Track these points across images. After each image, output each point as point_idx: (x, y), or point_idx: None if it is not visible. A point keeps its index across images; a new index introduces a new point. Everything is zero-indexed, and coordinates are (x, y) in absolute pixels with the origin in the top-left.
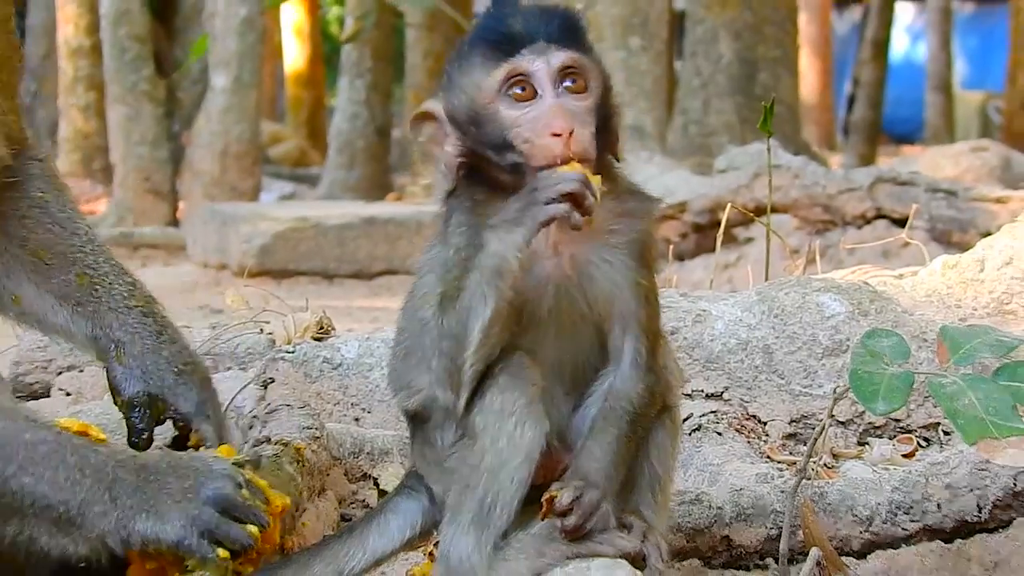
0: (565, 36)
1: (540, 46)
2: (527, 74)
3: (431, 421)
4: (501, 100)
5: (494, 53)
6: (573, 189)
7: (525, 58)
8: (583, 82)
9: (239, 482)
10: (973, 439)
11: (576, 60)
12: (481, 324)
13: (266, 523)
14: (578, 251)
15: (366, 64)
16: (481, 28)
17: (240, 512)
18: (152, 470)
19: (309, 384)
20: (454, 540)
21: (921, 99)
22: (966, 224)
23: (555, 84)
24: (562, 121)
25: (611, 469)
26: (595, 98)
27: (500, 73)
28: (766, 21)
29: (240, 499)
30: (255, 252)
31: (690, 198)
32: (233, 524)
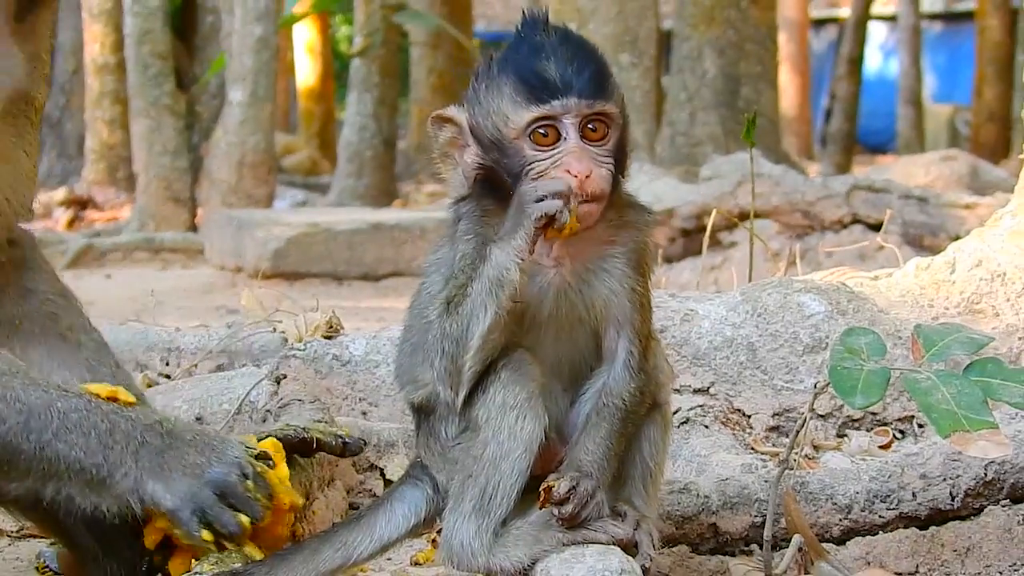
0: (595, 89)
1: (572, 99)
2: (555, 121)
3: (435, 414)
4: (526, 139)
5: (527, 96)
6: (559, 188)
7: (556, 108)
8: (605, 129)
9: (246, 472)
10: (946, 431)
11: (602, 111)
12: (481, 331)
13: (259, 516)
14: (578, 260)
15: (373, 79)
16: (516, 63)
17: (237, 501)
18: (176, 438)
19: (319, 380)
20: (456, 527)
21: (893, 112)
22: (937, 228)
23: (578, 131)
24: (581, 165)
25: (604, 462)
26: (615, 140)
27: (530, 116)
28: (748, 39)
29: (240, 488)
30: (269, 256)
31: (677, 204)
32: (226, 511)
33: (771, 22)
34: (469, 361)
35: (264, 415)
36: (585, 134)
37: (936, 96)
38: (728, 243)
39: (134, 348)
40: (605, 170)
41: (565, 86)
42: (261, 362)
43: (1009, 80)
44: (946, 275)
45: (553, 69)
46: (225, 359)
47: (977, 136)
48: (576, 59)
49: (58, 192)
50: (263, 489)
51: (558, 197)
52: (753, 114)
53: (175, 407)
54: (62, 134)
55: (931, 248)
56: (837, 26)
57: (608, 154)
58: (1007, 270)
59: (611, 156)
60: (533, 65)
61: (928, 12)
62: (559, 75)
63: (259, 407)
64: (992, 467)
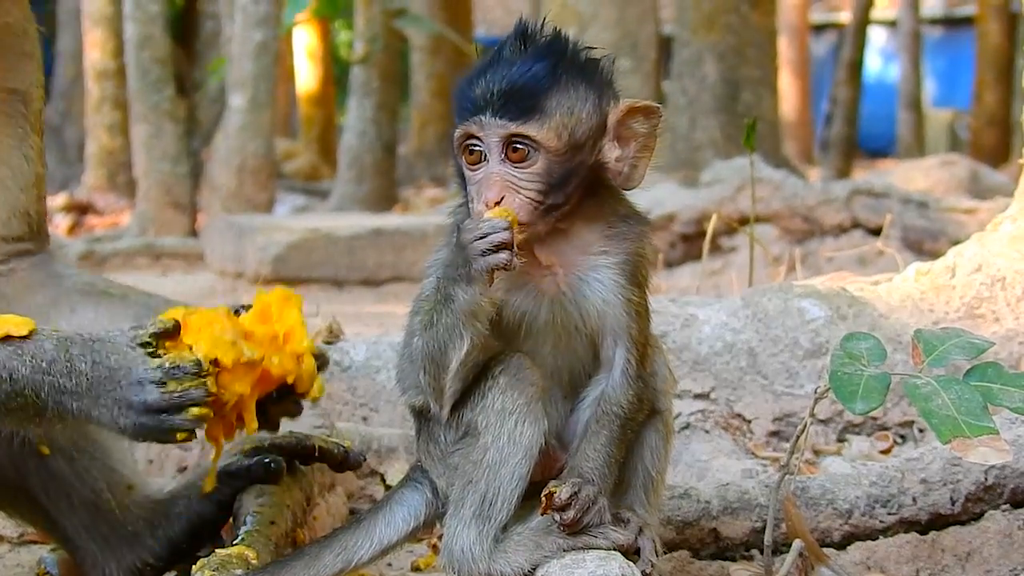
0: (512, 108)
1: (487, 116)
2: (478, 139)
3: (435, 418)
4: (461, 156)
5: (458, 112)
6: (501, 240)
7: (473, 126)
8: (525, 150)
9: (158, 379)
10: (946, 437)
11: (516, 132)
12: (458, 356)
13: (203, 397)
14: (571, 269)
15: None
16: (467, 76)
17: (175, 406)
18: (81, 375)
19: None
20: (457, 533)
21: (893, 116)
22: (937, 233)
23: (500, 151)
24: (491, 191)
25: (605, 468)
26: (545, 162)
27: (459, 133)
28: (748, 44)
29: (167, 396)
30: (270, 261)
31: (678, 209)
32: (174, 417)
33: (771, 27)
34: (449, 382)
35: None
36: (507, 155)
37: (936, 101)
38: (728, 248)
39: None
40: (522, 197)
41: (483, 104)
42: None
43: (1009, 85)
44: (946, 280)
45: (480, 86)
46: None
47: (977, 141)
48: (508, 77)
49: (58, 198)
50: (185, 378)
51: (502, 248)
52: (753, 119)
53: None
54: (62, 140)
55: (931, 253)
56: (837, 31)
57: (534, 178)
58: (1007, 275)
59: (540, 180)
60: (471, 80)
61: (928, 17)
62: (481, 93)
63: None
64: (992, 472)
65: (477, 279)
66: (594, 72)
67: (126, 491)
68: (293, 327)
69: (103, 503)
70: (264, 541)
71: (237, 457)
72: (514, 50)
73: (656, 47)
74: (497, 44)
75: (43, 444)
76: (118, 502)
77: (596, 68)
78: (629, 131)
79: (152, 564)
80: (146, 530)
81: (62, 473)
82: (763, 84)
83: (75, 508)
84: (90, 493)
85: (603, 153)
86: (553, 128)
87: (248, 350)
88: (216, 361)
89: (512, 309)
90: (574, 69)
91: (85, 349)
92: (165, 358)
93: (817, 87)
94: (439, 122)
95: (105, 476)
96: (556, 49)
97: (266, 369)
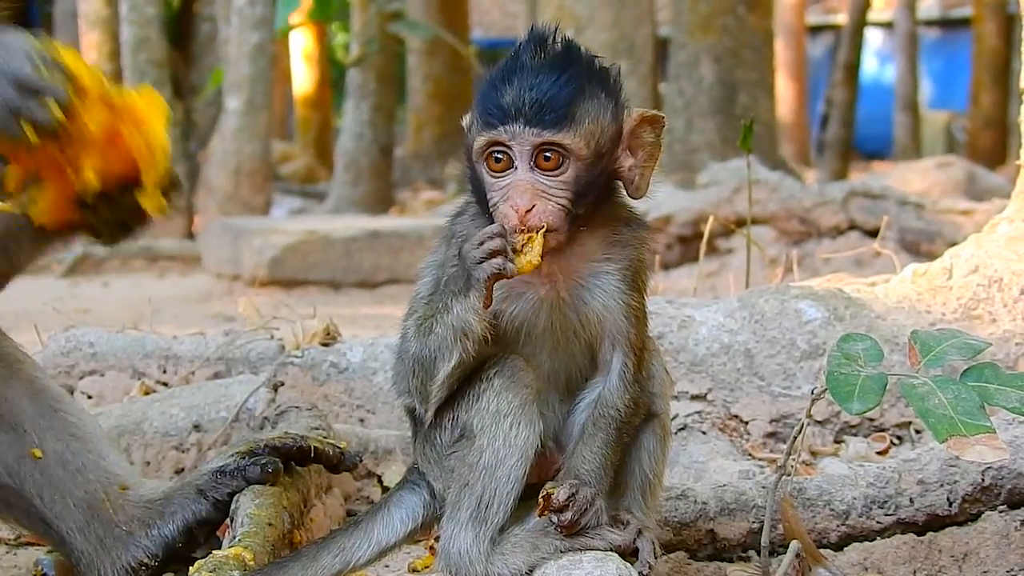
0: (544, 116)
1: (519, 125)
2: (508, 148)
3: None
4: (483, 162)
5: (483, 120)
6: (495, 247)
7: (503, 134)
8: (557, 158)
9: (38, 63)
10: (943, 437)
11: (550, 140)
12: (445, 369)
13: (63, 97)
14: (571, 276)
15: (370, 87)
16: (489, 83)
17: (39, 88)
18: None
19: (317, 387)
20: (454, 535)
21: (890, 118)
22: (934, 235)
23: (530, 159)
24: (522, 199)
25: (601, 471)
26: (575, 170)
27: (483, 140)
28: (745, 46)
29: (37, 77)
30: (266, 263)
31: (675, 211)
32: (34, 103)
33: (768, 29)
34: (435, 390)
35: (261, 422)
36: (538, 163)
37: (933, 102)
38: (725, 250)
39: (131, 355)
40: (553, 204)
41: (515, 113)
42: (258, 369)
43: (1005, 86)
44: (943, 281)
45: (509, 94)
46: (222, 366)
47: (974, 142)
48: (538, 85)
49: None
50: (57, 72)
51: (495, 255)
52: (750, 121)
53: (173, 414)
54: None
55: (928, 254)
56: (834, 33)
57: (563, 186)
58: (1004, 276)
59: (568, 188)
60: (496, 88)
61: (925, 19)
62: (511, 101)
63: (256, 414)
64: (989, 473)
65: (475, 288)
66: (608, 81)
67: (120, 492)
68: (154, 120)
69: (97, 504)
70: (261, 542)
71: (234, 458)
72: (535, 57)
73: (652, 49)
74: (512, 49)
75: (36, 449)
76: (112, 503)
77: (610, 77)
78: (639, 140)
79: (147, 564)
80: (141, 530)
81: (56, 475)
82: (760, 86)
83: (69, 511)
84: (84, 495)
85: (619, 162)
86: (583, 136)
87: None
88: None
89: (510, 317)
90: (595, 78)
91: None
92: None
93: (814, 89)
94: (436, 125)
95: (99, 478)
96: (577, 57)
97: (120, 136)
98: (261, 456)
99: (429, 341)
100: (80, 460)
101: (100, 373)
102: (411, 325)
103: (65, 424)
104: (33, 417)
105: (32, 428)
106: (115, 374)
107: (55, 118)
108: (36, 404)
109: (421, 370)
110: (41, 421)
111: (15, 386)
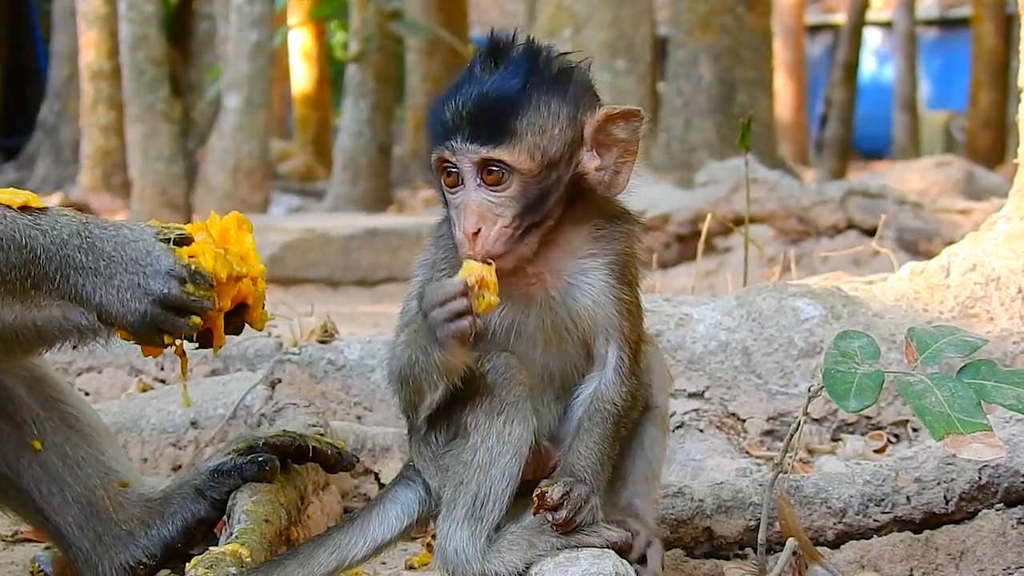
0: (482, 132)
1: (459, 141)
2: (455, 164)
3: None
4: (439, 177)
5: (430, 134)
6: (457, 309)
7: (446, 150)
8: (499, 174)
9: (182, 277)
10: (940, 435)
11: (488, 156)
12: (432, 396)
13: (208, 308)
14: (559, 273)
15: (369, 86)
16: (440, 96)
17: (183, 306)
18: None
19: (314, 384)
20: (450, 533)
21: (889, 118)
22: (932, 234)
23: (476, 176)
24: (468, 221)
25: (598, 466)
26: (520, 184)
27: (433, 156)
28: (744, 45)
29: (185, 296)
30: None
31: (673, 210)
32: (177, 319)
33: (766, 28)
34: (424, 409)
35: (259, 419)
36: (483, 178)
37: (931, 102)
38: (723, 248)
39: (129, 353)
40: (498, 227)
41: (454, 128)
42: (256, 367)
43: (1004, 86)
44: (941, 279)
45: (452, 109)
46: (220, 364)
47: (972, 142)
48: (478, 99)
49: (53, 198)
50: (203, 285)
51: (457, 317)
52: (748, 119)
53: (170, 411)
54: (57, 140)
55: (926, 253)
56: (833, 32)
57: (509, 201)
58: (1001, 274)
59: (515, 202)
60: (442, 102)
61: (923, 18)
62: (451, 116)
63: (254, 411)
64: (986, 471)
65: (444, 345)
66: (568, 83)
67: (119, 489)
68: (249, 250)
69: (96, 500)
70: (258, 539)
71: (231, 456)
72: (485, 66)
73: (652, 48)
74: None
75: (35, 440)
76: (111, 500)
77: (570, 78)
78: (609, 138)
79: (145, 563)
80: (140, 528)
81: (55, 469)
82: (758, 85)
83: (68, 505)
84: (83, 490)
85: (582, 164)
86: (525, 150)
87: (237, 266)
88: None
89: (500, 319)
90: (546, 84)
91: (107, 231)
92: (191, 260)
93: (812, 88)
94: None
95: (98, 473)
96: (527, 64)
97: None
98: (258, 454)
99: (415, 370)
100: (79, 454)
101: (98, 370)
102: (400, 344)
103: (64, 416)
104: (31, 407)
105: (31, 419)
106: (113, 371)
107: (197, 325)
108: (34, 394)
109: (410, 389)
110: (40, 411)
111: (12, 375)
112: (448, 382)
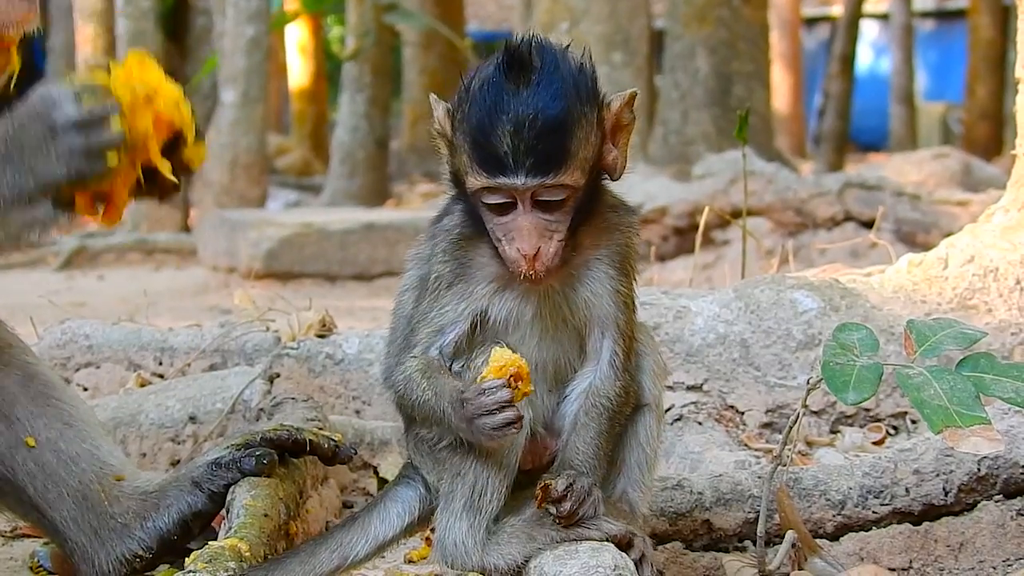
0: (543, 165)
1: (520, 177)
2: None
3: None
4: (481, 200)
5: (480, 163)
6: (504, 420)
7: (503, 181)
8: (557, 193)
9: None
10: (938, 427)
11: (550, 184)
12: None
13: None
14: (563, 265)
15: (366, 80)
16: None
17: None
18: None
19: (312, 378)
20: (449, 526)
21: (886, 110)
22: (929, 225)
23: (530, 199)
24: (528, 243)
25: (595, 461)
26: (574, 199)
27: (482, 181)
28: (740, 38)
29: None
30: (262, 256)
31: (670, 203)
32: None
33: (763, 21)
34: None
35: (257, 414)
36: (537, 200)
37: (928, 94)
38: (721, 241)
39: (127, 348)
40: (555, 243)
41: (514, 164)
42: (254, 361)
43: (1001, 77)
44: (939, 271)
45: (506, 143)
46: (218, 358)
47: (969, 134)
48: (532, 128)
49: None
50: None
51: (510, 427)
52: (745, 111)
53: (168, 406)
54: None
55: (924, 245)
56: (829, 24)
57: (564, 217)
58: (999, 266)
59: (568, 215)
60: (489, 131)
61: (920, 10)
62: (510, 150)
63: (252, 406)
64: (985, 462)
65: (484, 437)
66: (586, 83)
67: (115, 482)
68: (159, 80)
69: (91, 495)
70: (257, 533)
71: (229, 450)
72: (520, 88)
73: (648, 41)
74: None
75: (29, 437)
76: (107, 493)
77: (586, 78)
78: (620, 127)
79: (142, 556)
80: (136, 522)
81: (50, 465)
82: (755, 78)
83: (63, 500)
84: (78, 485)
85: (604, 158)
86: (578, 167)
87: (140, 86)
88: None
89: (498, 309)
90: (578, 94)
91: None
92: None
93: (809, 81)
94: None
95: (93, 468)
96: (559, 77)
97: (158, 112)
98: (257, 448)
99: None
100: (73, 449)
101: (96, 365)
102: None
103: (58, 412)
104: (25, 404)
105: (24, 415)
106: (111, 366)
107: (119, 129)
108: (27, 390)
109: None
110: (33, 408)
111: (5, 371)
112: None
